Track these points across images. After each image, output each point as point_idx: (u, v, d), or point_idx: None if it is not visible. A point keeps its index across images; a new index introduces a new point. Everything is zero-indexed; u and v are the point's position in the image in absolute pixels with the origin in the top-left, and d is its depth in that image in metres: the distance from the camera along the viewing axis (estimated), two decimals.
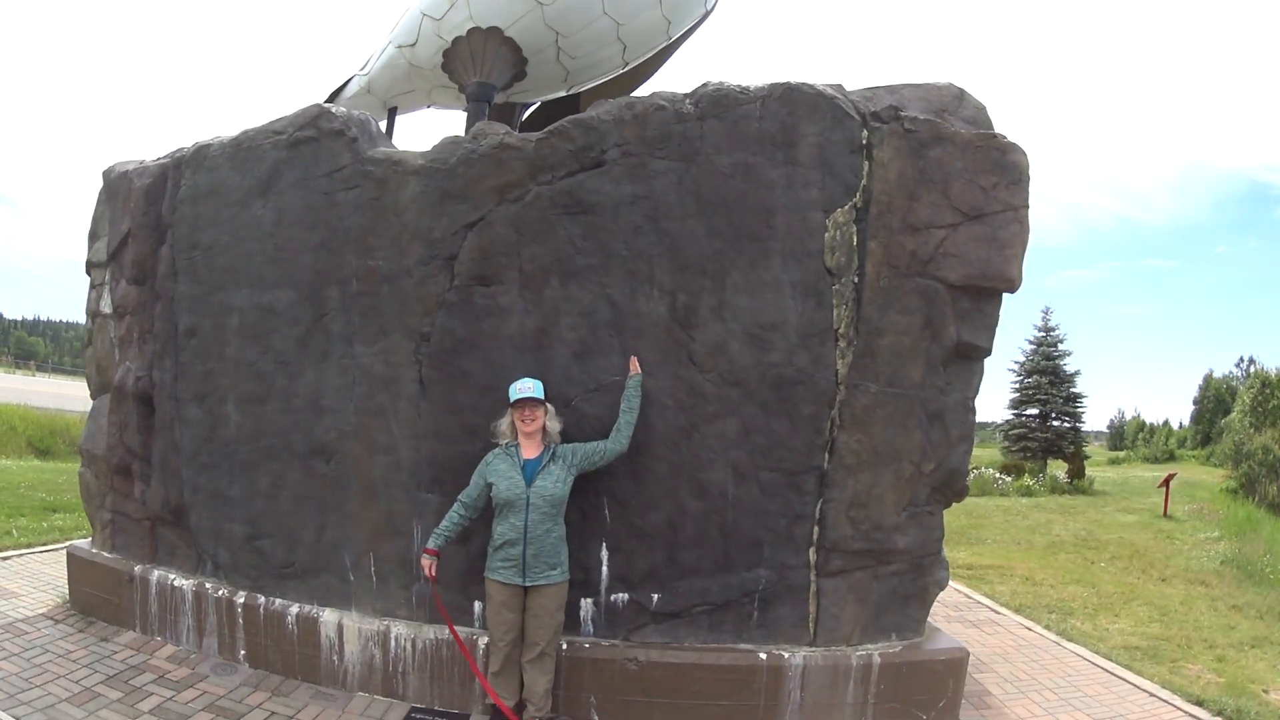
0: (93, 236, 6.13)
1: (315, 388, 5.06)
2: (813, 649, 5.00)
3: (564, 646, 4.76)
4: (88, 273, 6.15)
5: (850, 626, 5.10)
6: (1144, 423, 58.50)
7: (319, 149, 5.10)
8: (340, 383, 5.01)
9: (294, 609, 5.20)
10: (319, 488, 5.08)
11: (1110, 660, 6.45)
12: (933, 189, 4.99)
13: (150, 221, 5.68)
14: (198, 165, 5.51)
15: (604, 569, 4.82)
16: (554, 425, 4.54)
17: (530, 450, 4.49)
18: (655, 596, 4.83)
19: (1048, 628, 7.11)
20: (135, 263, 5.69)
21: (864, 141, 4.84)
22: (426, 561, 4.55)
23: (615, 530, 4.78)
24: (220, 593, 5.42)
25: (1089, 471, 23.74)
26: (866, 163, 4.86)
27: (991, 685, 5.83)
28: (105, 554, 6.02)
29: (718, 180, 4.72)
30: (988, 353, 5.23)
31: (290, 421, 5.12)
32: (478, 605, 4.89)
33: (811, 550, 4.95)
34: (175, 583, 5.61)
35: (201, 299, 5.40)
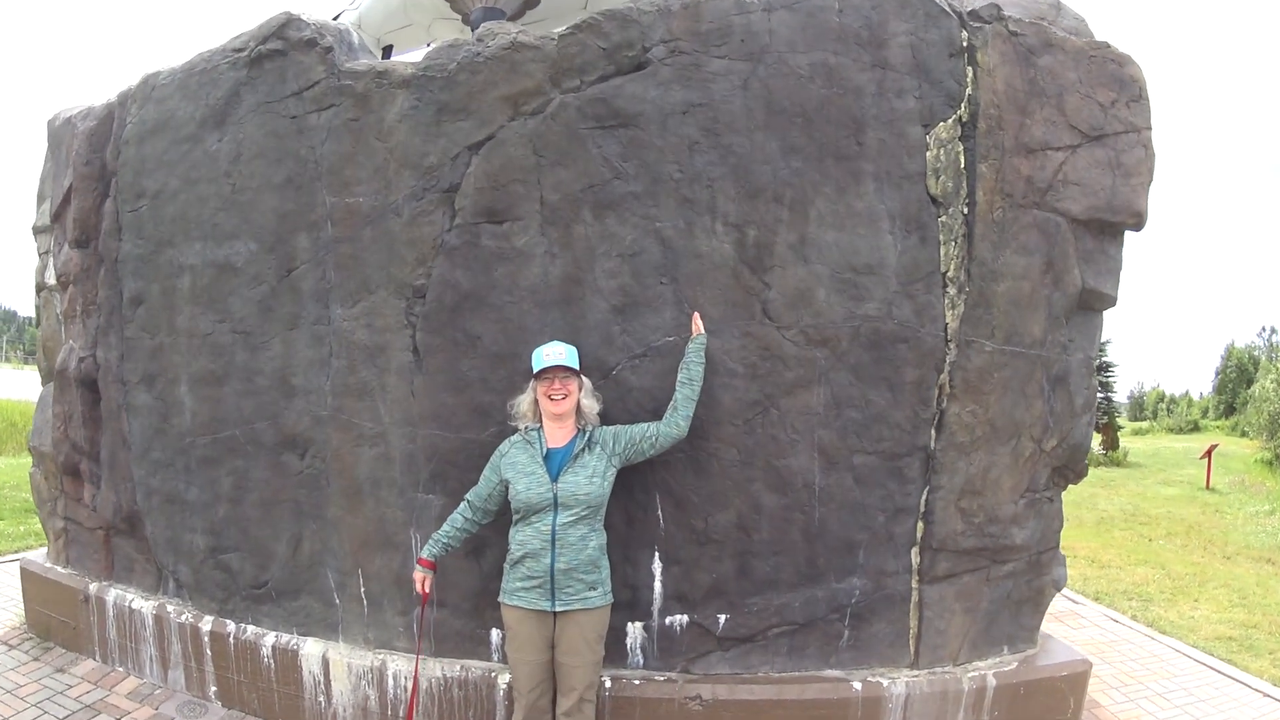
0: (39, 198, 4.36)
1: (283, 362, 3.33)
2: (915, 672, 3.33)
3: (607, 684, 3.08)
4: (35, 240, 4.42)
5: (958, 642, 3.43)
6: (1164, 393, 51.28)
7: (286, 64, 3.37)
8: (313, 355, 3.29)
9: (269, 639, 3.49)
10: (291, 489, 3.36)
11: (1209, 654, 4.81)
12: (1046, 103, 3.31)
13: (93, 172, 3.94)
14: (145, 98, 3.77)
15: (657, 585, 3.13)
16: (590, 403, 2.86)
17: (558, 436, 2.84)
18: (722, 618, 3.15)
19: (1134, 618, 5.43)
20: (78, 221, 3.95)
21: (964, 43, 3.15)
22: (419, 575, 2.90)
23: (671, 536, 3.09)
24: (184, 617, 3.70)
25: (1121, 443, 21.31)
26: (970, 68, 3.18)
27: (1096, 692, 4.17)
28: (59, 568, 4.26)
29: (793, 84, 3.03)
30: (1113, 302, 3.55)
31: (254, 406, 3.40)
32: (495, 634, 3.21)
33: (914, 551, 3.27)
34: (134, 604, 3.88)
35: (147, 259, 3.67)
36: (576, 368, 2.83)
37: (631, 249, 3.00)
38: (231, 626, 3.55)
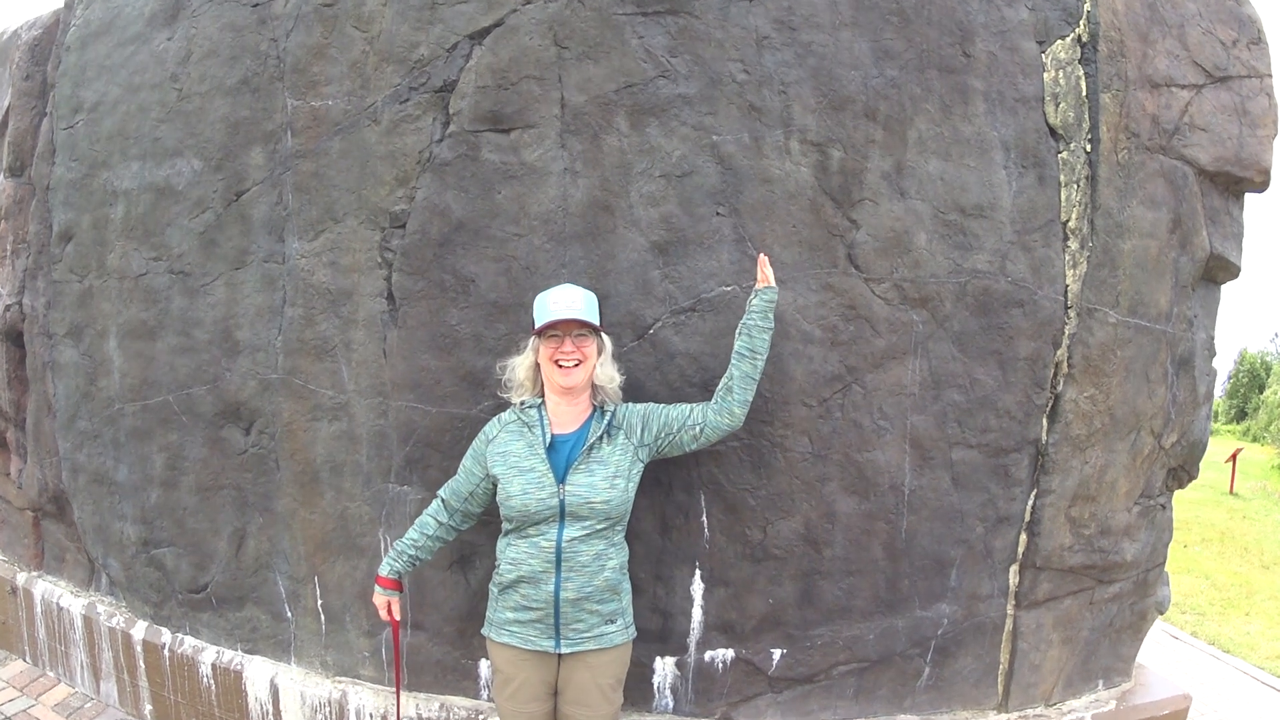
0: None
1: (226, 310, 2.17)
2: (1003, 716, 2.23)
3: None
4: None
5: (1052, 678, 2.33)
6: None
7: None
8: (263, 301, 2.13)
9: (209, 654, 2.34)
10: (233, 472, 2.20)
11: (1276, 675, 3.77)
12: (1168, 33, 2.22)
13: (33, 88, 2.78)
14: None
15: (696, 611, 2.02)
16: (610, 373, 1.73)
17: (567, 418, 1.73)
18: (777, 654, 2.04)
19: (1194, 634, 4.35)
20: (13, 145, 2.78)
21: None
22: (380, 600, 1.81)
23: (718, 549, 1.97)
24: (115, 621, 2.54)
25: None
26: None
27: None
28: None
29: None
30: (1237, 273, 2.46)
31: (191, 366, 2.23)
32: (485, 665, 2.09)
33: (1013, 570, 2.19)
34: (62, 601, 2.71)
35: (79, 185, 2.52)
36: (596, 323, 1.71)
37: (679, 168, 1.88)
38: (167, 636, 2.40)
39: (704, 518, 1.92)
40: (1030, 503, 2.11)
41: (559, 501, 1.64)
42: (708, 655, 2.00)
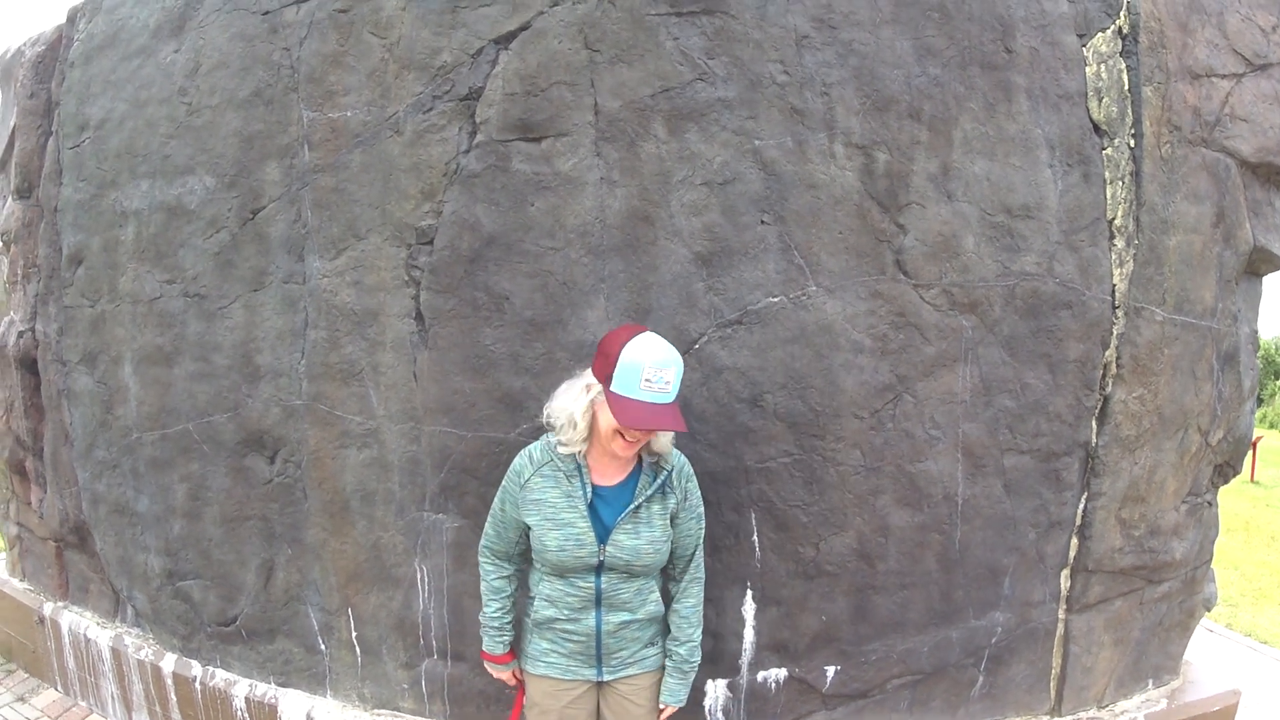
0: None
1: (245, 334, 1.97)
2: None
3: None
4: None
5: (1104, 680, 2.18)
6: None
7: None
8: (284, 324, 1.93)
9: (242, 687, 2.15)
10: (259, 502, 2.00)
11: None
12: (1207, 21, 2.06)
13: (38, 105, 2.55)
14: (94, 10, 2.37)
15: (748, 632, 1.84)
16: (666, 435, 1.47)
17: (611, 468, 1.47)
18: (831, 670, 1.87)
19: (1230, 626, 4.19)
20: (20, 166, 2.55)
21: None
22: (504, 673, 1.60)
23: (770, 568, 1.77)
24: (143, 653, 2.34)
25: None
26: None
27: None
28: (15, 581, 2.86)
29: None
30: (1279, 265, 2.36)
31: (210, 393, 2.02)
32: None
33: (1065, 574, 2.03)
34: (89, 632, 2.50)
35: (88, 206, 2.30)
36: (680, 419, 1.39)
37: (721, 175, 1.70)
38: (197, 669, 2.21)
39: (754, 537, 1.75)
40: (1081, 506, 1.96)
41: (599, 560, 1.44)
42: (760, 676, 1.83)
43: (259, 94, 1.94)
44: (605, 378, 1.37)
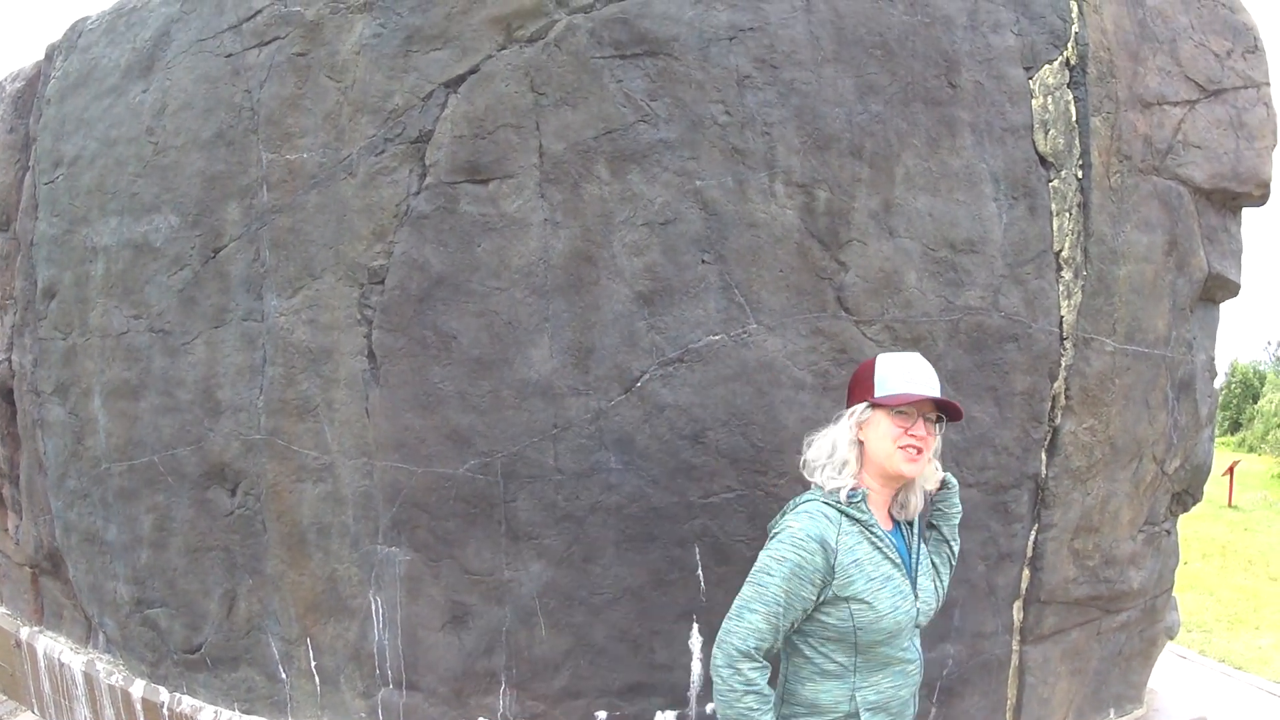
0: None
1: (207, 370, 2.02)
2: None
3: None
4: None
5: (1062, 711, 2.18)
6: None
7: None
8: (243, 360, 1.97)
9: (207, 713, 2.18)
10: (221, 534, 2.05)
11: None
12: (1159, 49, 2.09)
13: (16, 140, 2.63)
14: (70, 48, 2.46)
15: (695, 665, 1.86)
16: (935, 466, 1.40)
17: (882, 512, 1.34)
18: None
19: (1203, 652, 4.17)
20: None
21: None
22: None
23: (715, 601, 1.78)
24: (114, 679, 2.40)
25: None
26: (1074, 3, 1.99)
27: None
28: None
29: (867, 6, 1.80)
30: (1236, 290, 2.33)
31: (174, 426, 2.08)
32: None
33: (1017, 606, 2.05)
34: (63, 657, 2.57)
35: (61, 241, 2.37)
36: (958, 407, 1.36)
37: (662, 215, 1.75)
38: (165, 695, 2.27)
39: (699, 571, 1.78)
40: (1032, 538, 1.98)
41: (915, 611, 1.31)
42: (708, 708, 1.86)
43: (221, 135, 2.02)
44: (865, 394, 1.31)
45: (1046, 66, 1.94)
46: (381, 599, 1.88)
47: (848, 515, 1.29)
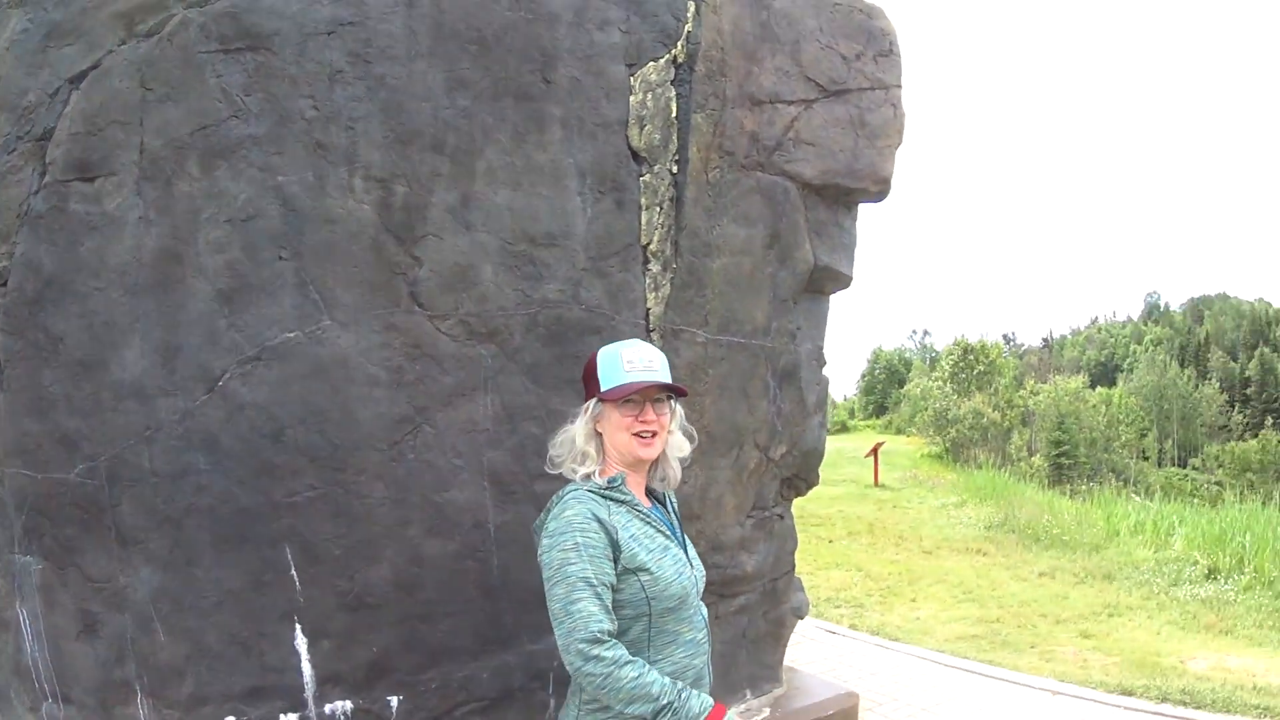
0: None
1: None
2: None
3: None
4: None
5: None
6: None
7: None
8: None
9: None
10: None
11: (962, 658, 3.38)
12: (779, 50, 1.98)
13: None
14: None
15: (305, 666, 1.81)
16: (680, 441, 1.48)
17: (638, 493, 1.45)
18: (395, 701, 1.86)
19: (853, 627, 3.93)
20: None
21: None
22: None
23: (312, 601, 1.78)
24: None
25: None
26: (692, 3, 1.88)
27: None
28: None
29: (470, 4, 1.76)
30: (848, 282, 2.21)
31: None
32: None
33: None
34: None
35: None
36: (681, 386, 1.46)
37: (244, 212, 1.75)
38: None
39: (293, 571, 1.79)
40: None
41: (694, 580, 1.39)
42: (328, 708, 1.86)
43: None
44: (594, 390, 1.39)
45: (651, 64, 1.87)
46: (26, 610, 1.95)
47: (611, 499, 1.38)
